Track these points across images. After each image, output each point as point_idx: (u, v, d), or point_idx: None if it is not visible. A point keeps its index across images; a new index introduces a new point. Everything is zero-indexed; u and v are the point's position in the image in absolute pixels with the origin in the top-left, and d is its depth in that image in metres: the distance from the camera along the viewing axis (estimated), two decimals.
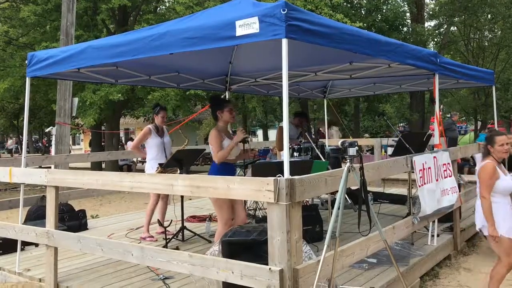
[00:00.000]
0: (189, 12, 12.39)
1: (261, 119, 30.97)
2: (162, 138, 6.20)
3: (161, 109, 6.30)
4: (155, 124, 6.27)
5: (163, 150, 6.15)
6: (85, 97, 13.50)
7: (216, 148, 4.66)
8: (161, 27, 4.06)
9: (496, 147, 4.23)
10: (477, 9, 20.17)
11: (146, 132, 6.13)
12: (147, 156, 6.19)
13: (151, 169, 6.06)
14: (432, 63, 5.24)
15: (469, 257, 6.00)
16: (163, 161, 5.98)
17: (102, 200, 13.05)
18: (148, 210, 6.14)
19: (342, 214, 3.27)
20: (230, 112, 4.83)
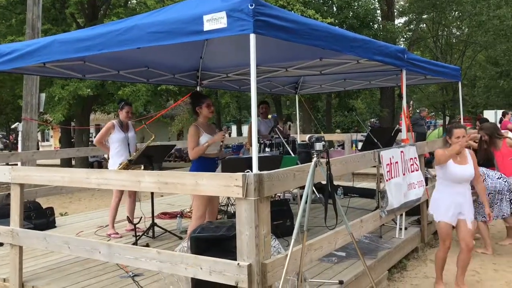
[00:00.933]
0: (160, 6, 12.25)
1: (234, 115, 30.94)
2: (126, 134, 6.08)
3: (126, 104, 6.20)
4: (119, 119, 6.16)
5: (126, 146, 6.04)
6: (53, 92, 13.21)
7: (192, 144, 4.69)
8: (128, 21, 4.00)
9: (453, 139, 4.39)
10: (445, 7, 20.63)
11: (109, 127, 6.01)
12: (110, 151, 6.06)
13: (113, 165, 5.95)
14: (400, 59, 5.32)
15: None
16: (125, 157, 5.90)
17: (71, 197, 12.83)
18: (112, 207, 6.05)
19: (309, 209, 3.30)
20: (208, 107, 4.85)
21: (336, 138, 16.76)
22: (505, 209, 5.73)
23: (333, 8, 17.97)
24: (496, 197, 5.73)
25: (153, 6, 12.43)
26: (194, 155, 4.67)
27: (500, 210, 5.74)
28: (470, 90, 27.95)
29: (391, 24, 18.94)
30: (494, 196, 5.75)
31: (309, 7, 14.25)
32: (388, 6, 20.06)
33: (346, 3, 17.16)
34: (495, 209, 5.75)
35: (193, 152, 4.66)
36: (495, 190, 5.73)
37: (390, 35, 17.83)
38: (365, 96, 25.57)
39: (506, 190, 5.74)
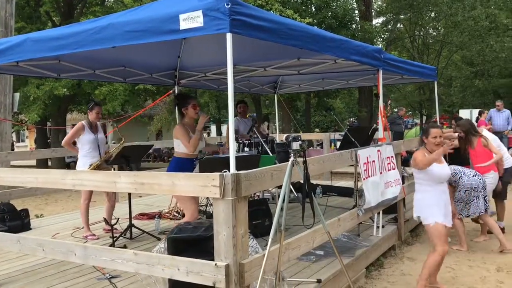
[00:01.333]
0: (138, 4, 12.10)
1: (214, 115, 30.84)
2: (95, 135, 5.98)
3: (96, 104, 6.09)
4: (88, 120, 6.04)
5: (96, 147, 5.94)
6: (28, 92, 12.97)
7: (186, 139, 4.75)
8: (104, 19, 3.94)
9: (429, 139, 4.39)
10: (421, 7, 20.94)
11: (79, 128, 5.89)
12: (80, 152, 5.94)
13: (82, 167, 5.84)
14: (376, 59, 5.38)
15: (413, 247, 6.23)
16: (97, 158, 5.83)
17: (48, 199, 12.61)
18: (82, 210, 5.96)
19: (287, 208, 3.30)
20: (194, 107, 4.91)
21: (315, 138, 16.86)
22: (481, 206, 5.84)
23: (311, 8, 18.05)
24: (472, 194, 5.84)
25: (131, 5, 12.29)
26: (192, 147, 4.76)
27: (477, 207, 5.85)
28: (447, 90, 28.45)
29: (369, 24, 19.13)
30: (470, 193, 5.85)
31: (287, 7, 14.28)
32: (366, 7, 20.26)
33: (324, 3, 17.26)
34: (472, 206, 5.86)
35: (191, 145, 4.75)
36: (471, 187, 5.83)
37: (368, 35, 18.00)
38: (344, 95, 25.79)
39: (481, 188, 5.85)
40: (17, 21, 10.60)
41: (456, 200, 5.95)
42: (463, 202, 5.88)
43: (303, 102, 23.27)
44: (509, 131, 12.79)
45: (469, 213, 5.91)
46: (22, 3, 14.04)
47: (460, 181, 5.89)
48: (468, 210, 5.89)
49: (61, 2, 14.72)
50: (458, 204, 5.93)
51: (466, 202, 5.86)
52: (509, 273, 5.14)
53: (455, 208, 4.92)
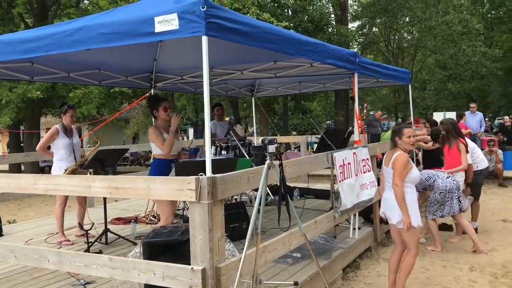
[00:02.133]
0: (113, 7, 11.99)
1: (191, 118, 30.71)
2: (70, 139, 5.89)
3: (69, 107, 5.97)
4: (62, 123, 5.92)
5: (71, 151, 5.84)
6: (0, 95, 12.67)
7: (160, 141, 4.75)
8: (77, 22, 3.89)
9: (403, 139, 4.31)
10: (396, 12, 21.27)
11: (53, 133, 5.78)
12: (55, 157, 5.84)
13: (58, 171, 5.74)
14: (351, 62, 5.44)
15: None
16: (72, 163, 5.74)
17: (20, 204, 12.34)
18: (57, 215, 5.85)
19: (264, 211, 3.31)
20: (164, 110, 4.90)
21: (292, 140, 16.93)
22: (455, 207, 5.96)
23: (288, 12, 18.17)
24: (447, 196, 5.95)
25: (106, 7, 12.17)
26: (167, 148, 4.74)
27: (451, 208, 5.96)
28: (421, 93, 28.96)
29: (344, 28, 19.35)
30: (445, 195, 5.96)
31: (264, 11, 14.35)
32: (342, 11, 20.48)
33: (301, 7, 17.40)
34: (446, 207, 5.97)
35: (166, 146, 4.74)
36: (445, 189, 5.95)
37: (344, 39, 18.21)
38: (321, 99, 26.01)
39: (455, 189, 5.97)
40: None
41: (431, 202, 6.05)
42: (438, 203, 6.00)
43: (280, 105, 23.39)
44: (482, 133, 13.07)
45: (443, 213, 6.02)
46: None
47: (435, 184, 6.01)
48: (442, 211, 6.01)
49: (35, 4, 14.46)
50: (433, 206, 6.04)
51: (441, 203, 5.98)
52: (482, 272, 5.26)
53: None
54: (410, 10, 20.55)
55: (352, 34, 20.42)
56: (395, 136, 4.37)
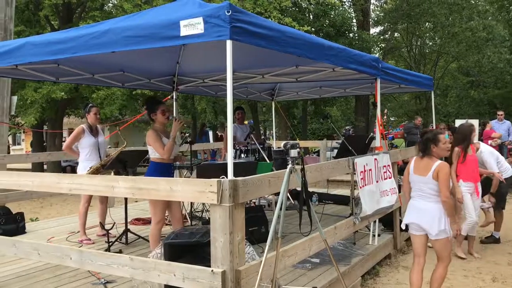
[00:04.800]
0: (137, 10, 12.15)
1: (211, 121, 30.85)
2: (96, 138, 5.99)
3: (92, 106, 6.08)
4: (88, 123, 6.04)
5: (97, 151, 5.94)
6: (25, 95, 12.93)
7: (160, 146, 4.68)
8: (103, 24, 3.96)
9: (440, 146, 4.16)
10: (419, 18, 21.08)
11: (79, 132, 5.90)
12: (80, 156, 5.95)
13: (83, 170, 5.83)
14: (374, 68, 5.41)
15: (408, 256, 6.23)
16: (97, 162, 5.82)
17: (43, 202, 12.55)
18: (81, 213, 5.94)
19: (284, 215, 3.31)
20: (162, 113, 4.84)
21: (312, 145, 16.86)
22: None
23: (309, 16, 18.15)
24: None
25: (130, 10, 12.32)
26: (167, 153, 4.67)
27: None
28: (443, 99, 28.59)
29: (366, 33, 19.25)
30: None
31: (286, 15, 14.36)
32: (364, 16, 20.39)
33: (322, 12, 17.37)
34: None
35: (166, 151, 4.66)
36: None
37: (365, 44, 18.11)
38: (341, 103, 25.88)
39: None
40: (16, 24, 10.61)
41: None
42: None
43: (300, 109, 23.34)
44: (510, 141, 12.63)
45: None
46: (21, 7, 14.04)
47: None
48: None
49: (60, 6, 14.72)
50: None
51: None
52: (504, 283, 5.16)
53: None
54: (434, 16, 20.34)
55: (373, 39, 20.29)
56: (430, 143, 4.20)
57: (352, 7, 20.42)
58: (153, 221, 4.73)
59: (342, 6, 19.29)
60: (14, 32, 9.22)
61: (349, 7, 20.44)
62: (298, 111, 24.04)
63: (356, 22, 20.75)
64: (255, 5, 13.12)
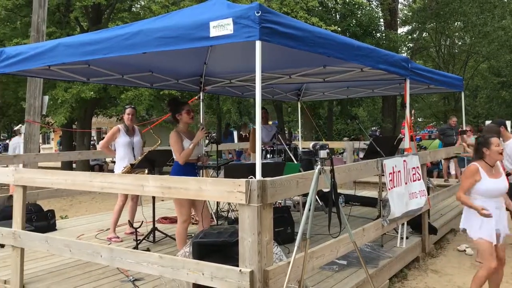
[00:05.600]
0: (165, 11, 12.30)
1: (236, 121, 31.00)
2: (131, 138, 6.12)
3: (127, 107, 6.28)
4: (124, 123, 6.19)
5: (131, 150, 6.08)
6: (56, 95, 13.24)
7: (178, 150, 4.72)
8: (134, 26, 4.02)
9: (492, 148, 4.09)
10: (448, 17, 20.69)
11: (114, 131, 6.07)
12: (116, 155, 6.12)
13: (118, 169, 5.98)
14: (404, 68, 5.33)
15: (437, 259, 6.12)
16: (132, 161, 5.92)
17: (72, 200, 12.81)
18: (115, 210, 6.06)
19: (312, 216, 3.29)
20: (188, 113, 4.88)
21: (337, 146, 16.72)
22: None
23: (336, 16, 18.03)
24: None
25: (158, 12, 12.48)
26: (183, 159, 4.71)
27: None
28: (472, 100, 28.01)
29: (394, 33, 18.99)
30: None
31: (312, 15, 14.30)
32: (391, 15, 20.13)
33: (349, 11, 17.23)
34: None
35: (182, 156, 4.70)
36: None
37: (393, 44, 17.87)
38: (368, 104, 25.62)
39: None
40: (48, 26, 10.86)
41: None
42: None
43: (325, 109, 23.20)
44: None
45: None
46: (52, 9, 14.38)
47: None
48: None
49: (90, 8, 15.03)
50: None
51: None
52: None
53: None
54: (464, 15, 19.93)
55: (401, 39, 20.01)
56: (482, 147, 4.14)
57: (379, 7, 20.17)
58: (179, 220, 4.77)
59: (369, 5, 19.11)
60: (46, 34, 9.44)
61: (376, 7, 20.21)
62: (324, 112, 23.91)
63: (384, 22, 20.50)
64: (282, 5, 13.11)
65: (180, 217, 4.75)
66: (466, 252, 6.36)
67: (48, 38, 10.37)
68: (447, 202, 8.35)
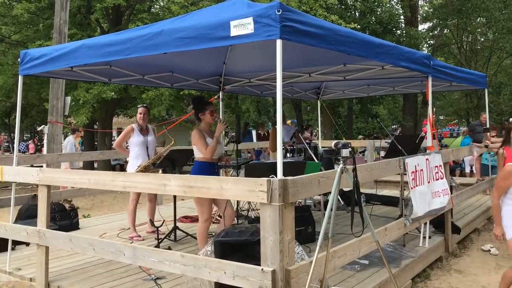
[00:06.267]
0: (184, 11, 12.36)
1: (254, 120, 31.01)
2: (145, 137, 6.16)
3: (140, 106, 6.31)
4: (138, 123, 6.23)
5: (145, 149, 6.12)
6: (78, 95, 13.43)
7: (203, 146, 4.74)
8: (155, 26, 4.05)
9: None
10: (471, 13, 20.32)
11: (128, 131, 6.12)
12: (130, 154, 6.17)
13: (132, 168, 6.02)
14: (426, 65, 5.26)
15: (460, 259, 6.03)
16: (146, 160, 5.97)
17: (94, 200, 12.97)
18: (130, 211, 6.12)
19: (334, 215, 3.27)
20: (211, 114, 4.90)
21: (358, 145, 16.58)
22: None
23: (355, 13, 17.89)
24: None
25: (177, 12, 12.55)
26: (210, 153, 4.74)
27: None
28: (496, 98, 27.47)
29: (414, 30, 18.75)
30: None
31: (331, 13, 14.22)
32: (412, 12, 19.87)
33: (369, 9, 17.08)
34: None
35: (208, 151, 4.73)
36: None
37: (413, 41, 17.64)
38: (388, 102, 25.35)
39: None
40: (69, 28, 11.03)
41: None
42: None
43: (345, 108, 23.05)
44: None
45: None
46: (74, 11, 14.59)
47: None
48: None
49: (110, 9, 15.21)
50: None
51: None
52: None
53: None
54: (487, 11, 19.54)
55: (422, 36, 19.73)
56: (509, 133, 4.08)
57: (399, 3, 19.93)
58: (200, 219, 4.79)
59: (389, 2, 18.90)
60: (68, 35, 9.60)
61: (396, 3, 19.97)
62: (343, 110, 23.75)
63: (404, 19, 20.25)
64: (300, 3, 13.06)
65: (201, 216, 4.77)
66: (491, 252, 6.25)
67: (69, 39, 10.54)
68: (470, 201, 8.21)
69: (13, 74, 13.93)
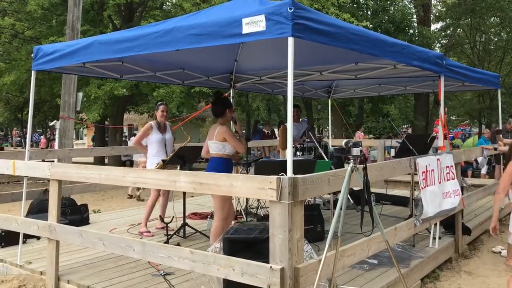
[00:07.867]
0: (196, 9, 12.39)
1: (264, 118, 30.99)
2: (163, 135, 6.21)
3: (161, 104, 6.39)
4: (156, 120, 6.28)
5: (164, 147, 6.17)
6: (89, 91, 13.53)
7: (237, 141, 4.81)
8: (167, 23, 4.07)
9: None
10: (484, 13, 20.11)
11: (147, 128, 6.17)
12: (148, 152, 6.23)
13: (151, 165, 6.08)
14: (438, 65, 5.22)
15: (470, 260, 5.98)
16: (164, 158, 6.00)
17: (104, 195, 13.06)
18: (148, 205, 6.17)
19: (344, 214, 3.26)
20: (231, 112, 5.01)
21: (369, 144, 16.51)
22: None
23: (367, 12, 17.79)
24: None
25: (189, 9, 12.58)
26: (246, 148, 4.91)
27: None
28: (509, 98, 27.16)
29: (427, 29, 18.60)
30: None
31: (343, 11, 14.16)
32: (425, 11, 19.71)
33: (381, 8, 16.97)
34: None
35: (245, 145, 4.89)
36: None
37: (426, 40, 17.50)
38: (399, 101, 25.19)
39: None
40: (82, 24, 11.11)
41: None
42: None
43: (355, 107, 22.95)
44: None
45: None
46: (87, 7, 14.69)
47: None
48: None
49: (122, 6, 15.28)
50: None
51: None
52: None
53: None
54: (501, 11, 19.33)
55: (435, 35, 19.55)
56: None
57: (412, 2, 19.78)
58: (219, 217, 4.76)
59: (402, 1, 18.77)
60: (80, 31, 9.66)
61: (409, 2, 19.82)
62: (354, 109, 23.65)
63: (417, 18, 20.09)
64: (312, 1, 13.02)
65: (221, 214, 4.75)
66: (502, 254, 6.19)
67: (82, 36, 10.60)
68: (481, 203, 8.14)
69: (26, 70, 14.07)
